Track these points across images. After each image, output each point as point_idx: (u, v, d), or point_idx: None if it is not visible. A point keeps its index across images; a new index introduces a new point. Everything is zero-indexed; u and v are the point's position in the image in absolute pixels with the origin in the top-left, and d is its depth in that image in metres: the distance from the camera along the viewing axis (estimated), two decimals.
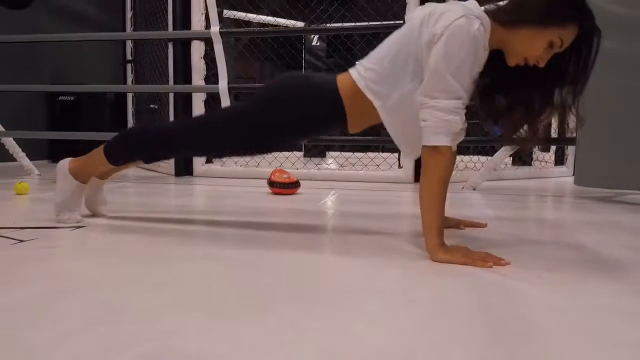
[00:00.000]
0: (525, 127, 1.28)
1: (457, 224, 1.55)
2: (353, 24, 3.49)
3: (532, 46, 1.15)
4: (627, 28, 2.16)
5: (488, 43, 1.17)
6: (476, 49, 1.13)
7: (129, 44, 4.97)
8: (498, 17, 1.17)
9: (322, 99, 1.31)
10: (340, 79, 1.31)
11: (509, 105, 1.28)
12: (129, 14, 4.90)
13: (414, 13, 1.29)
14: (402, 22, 3.08)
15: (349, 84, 1.29)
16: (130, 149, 1.49)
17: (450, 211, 1.60)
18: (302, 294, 0.89)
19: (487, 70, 1.22)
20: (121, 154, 1.50)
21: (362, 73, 1.28)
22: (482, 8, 1.20)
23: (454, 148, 1.18)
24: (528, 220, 1.81)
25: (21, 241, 1.26)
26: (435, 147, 1.13)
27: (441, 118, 1.12)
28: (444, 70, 1.11)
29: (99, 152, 1.49)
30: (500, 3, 1.22)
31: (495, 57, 1.21)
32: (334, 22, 5.26)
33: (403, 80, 1.21)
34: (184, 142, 1.42)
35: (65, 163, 1.53)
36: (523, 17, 1.15)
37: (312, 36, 6.54)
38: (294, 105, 1.31)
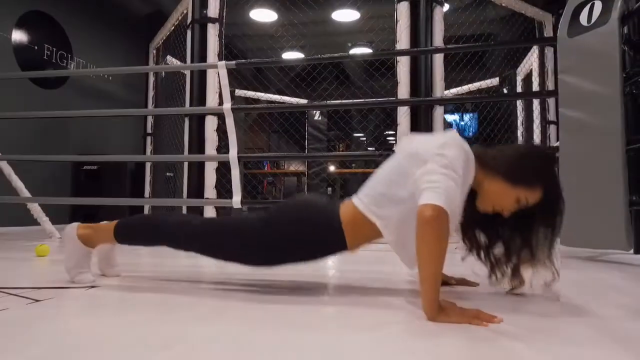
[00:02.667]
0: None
1: (452, 281, 1.51)
2: (350, 100, 3.60)
3: (501, 198, 1.20)
4: (599, 101, 2.22)
5: (474, 171, 1.19)
6: (468, 165, 1.15)
7: (150, 119, 5.12)
8: (481, 159, 1.22)
9: (325, 231, 1.29)
10: (343, 208, 1.30)
11: (488, 241, 1.30)
12: (150, 93, 5.10)
13: (402, 143, 1.33)
14: (394, 99, 3.19)
15: (351, 210, 1.28)
16: (140, 238, 1.48)
17: (444, 269, 1.57)
18: (302, 352, 0.85)
19: (466, 205, 1.23)
20: (130, 239, 1.49)
21: (362, 199, 1.29)
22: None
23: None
24: None
25: (37, 301, 1.22)
26: (440, 209, 1.03)
27: (450, 185, 1.07)
28: (453, 158, 1.11)
29: (109, 227, 1.47)
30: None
31: (473, 196, 1.24)
32: (333, 99, 5.44)
33: (400, 201, 1.20)
34: (191, 245, 1.42)
35: (73, 229, 1.49)
36: (498, 169, 1.20)
37: (314, 111, 6.74)
38: (299, 236, 1.29)
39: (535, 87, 4.31)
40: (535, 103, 4.40)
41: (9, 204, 3.39)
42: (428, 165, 1.12)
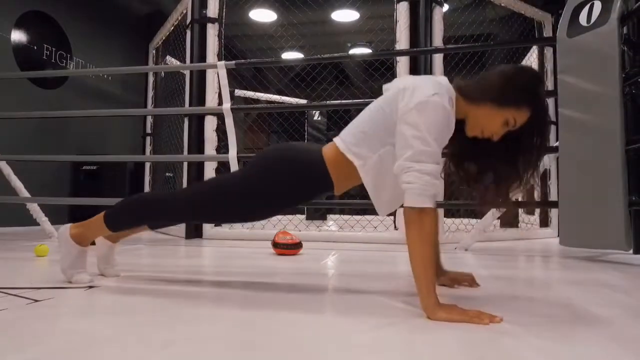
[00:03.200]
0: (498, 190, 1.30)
1: (451, 282, 1.50)
2: (350, 100, 3.60)
3: (489, 122, 1.22)
4: (598, 101, 2.22)
5: (454, 114, 1.22)
6: (448, 121, 1.18)
7: (149, 119, 5.12)
8: (463, 92, 1.24)
9: (310, 167, 1.32)
10: (325, 148, 1.34)
11: (479, 171, 1.32)
12: (150, 93, 5.09)
13: (389, 84, 1.35)
14: None
15: (333, 150, 1.31)
16: (128, 217, 1.48)
17: (446, 267, 1.56)
18: (302, 353, 0.85)
19: (455, 138, 1.27)
20: (119, 221, 1.48)
21: (343, 138, 1.31)
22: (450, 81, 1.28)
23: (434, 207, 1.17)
24: (518, 279, 1.76)
25: (36, 301, 1.22)
26: (422, 209, 1.10)
27: (428, 182, 1.12)
28: (428, 135, 1.13)
29: (98, 218, 1.47)
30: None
31: (461, 127, 1.27)
32: (333, 99, 5.44)
33: (379, 143, 1.24)
34: (178, 210, 1.41)
35: (66, 230, 1.49)
36: (484, 95, 1.22)
37: (314, 111, 6.74)
38: (284, 175, 1.31)
39: None
40: None
41: (8, 204, 3.38)
42: (399, 140, 1.16)
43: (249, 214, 1.38)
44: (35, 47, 4.51)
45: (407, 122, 1.16)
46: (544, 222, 4.03)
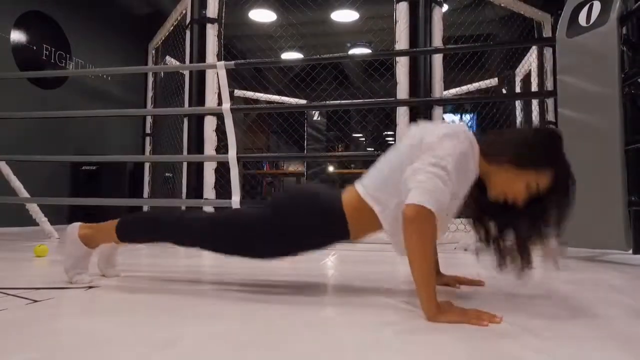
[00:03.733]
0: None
1: (454, 281, 1.51)
2: (350, 101, 3.61)
3: (510, 186, 1.18)
4: (598, 102, 2.23)
5: (477, 165, 1.18)
6: (467, 161, 1.14)
7: (149, 119, 5.12)
8: (484, 150, 1.20)
9: (327, 215, 1.28)
10: (345, 195, 1.29)
11: (499, 230, 1.28)
12: (149, 93, 5.09)
13: (410, 132, 1.32)
14: (393, 99, 3.19)
15: (353, 196, 1.27)
16: (140, 232, 1.47)
17: (444, 271, 1.57)
18: (302, 353, 0.85)
19: (476, 194, 1.23)
20: (132, 236, 1.48)
21: (364, 184, 1.28)
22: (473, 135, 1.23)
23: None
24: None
25: (35, 301, 1.22)
26: (425, 209, 1.04)
27: (438, 184, 1.07)
28: (449, 157, 1.10)
29: (110, 226, 1.46)
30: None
31: (481, 184, 1.23)
32: (332, 100, 5.44)
33: (399, 190, 1.19)
34: (190, 236, 1.41)
35: (74, 228, 1.48)
36: (505, 157, 1.17)
37: (313, 112, 6.74)
38: (299, 221, 1.28)
39: (534, 87, 4.31)
40: (534, 103, 4.40)
41: (8, 205, 3.38)
42: (416, 164, 1.13)
43: (257, 253, 1.36)
44: (35, 47, 4.51)
45: (429, 151, 1.13)
46: None
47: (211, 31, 3.52)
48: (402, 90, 3.11)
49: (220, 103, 3.26)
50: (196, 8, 3.58)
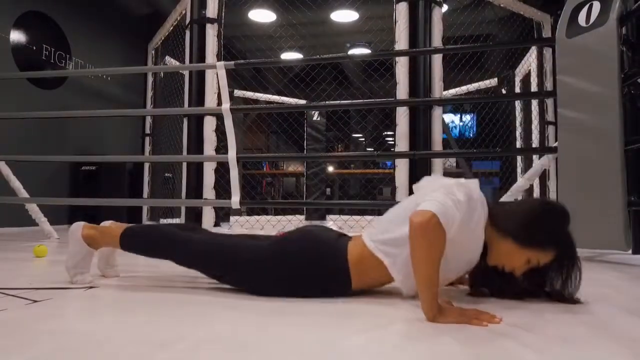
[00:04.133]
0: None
1: (456, 282, 1.50)
2: (349, 101, 3.61)
3: (511, 259, 1.19)
4: (597, 102, 2.23)
5: (485, 224, 1.18)
6: (479, 209, 1.15)
7: (148, 119, 5.11)
8: (492, 218, 1.20)
9: (330, 273, 1.27)
10: (352, 246, 1.27)
11: (500, 293, 1.28)
12: (149, 94, 5.09)
13: (421, 183, 1.31)
14: (393, 99, 3.19)
15: (359, 248, 1.26)
16: (143, 246, 1.47)
17: None
18: (301, 353, 0.85)
19: (479, 260, 1.23)
20: (135, 247, 1.48)
21: (371, 237, 1.27)
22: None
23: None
24: None
25: (35, 301, 1.22)
26: (430, 213, 1.04)
27: (448, 202, 1.07)
28: (458, 192, 1.12)
29: (115, 231, 1.46)
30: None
31: (484, 251, 1.22)
32: (332, 100, 5.44)
33: (406, 240, 1.16)
34: (191, 259, 1.40)
35: (78, 228, 1.48)
36: (508, 230, 1.17)
37: (313, 112, 6.74)
38: (302, 270, 1.27)
39: (534, 87, 4.31)
40: (534, 104, 4.40)
41: (8, 205, 3.38)
42: (430, 194, 1.13)
43: (253, 290, 1.34)
44: (35, 48, 4.51)
45: (442, 187, 1.14)
46: None
47: (211, 31, 3.52)
48: (402, 91, 3.11)
49: (219, 103, 3.26)
50: (196, 8, 3.58)
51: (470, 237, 1.17)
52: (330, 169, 7.99)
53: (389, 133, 9.09)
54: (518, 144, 4.77)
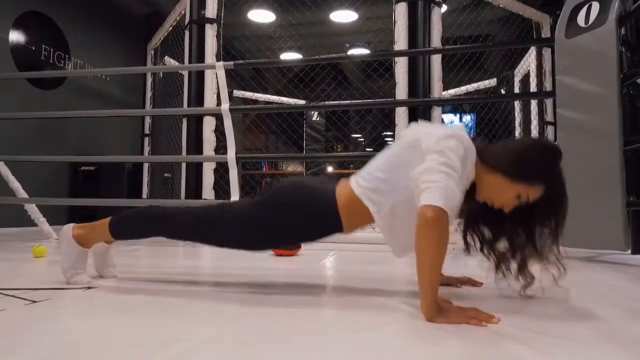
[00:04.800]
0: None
1: (455, 282, 1.51)
2: (348, 101, 3.62)
3: (500, 194, 1.19)
4: (596, 102, 2.23)
5: (474, 167, 1.18)
6: (466, 161, 1.14)
7: (147, 120, 5.11)
8: (481, 154, 1.20)
9: (321, 210, 1.28)
10: (339, 188, 1.29)
11: (493, 236, 1.28)
12: (148, 94, 5.09)
13: (407, 132, 1.32)
14: (392, 99, 3.19)
15: (348, 192, 1.27)
16: (135, 229, 1.48)
17: (443, 271, 1.56)
18: (301, 353, 0.85)
19: (469, 200, 1.22)
20: (125, 232, 1.48)
21: (359, 182, 1.28)
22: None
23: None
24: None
25: (34, 302, 1.22)
26: (440, 209, 1.02)
27: (450, 185, 1.06)
28: (452, 153, 1.11)
29: (103, 224, 1.47)
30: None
31: (473, 189, 1.23)
32: (331, 100, 5.44)
33: (396, 190, 1.21)
34: (187, 232, 1.41)
35: (68, 229, 1.49)
36: (498, 165, 1.18)
37: (312, 112, 6.74)
38: (292, 215, 1.29)
39: (533, 88, 4.32)
40: (533, 104, 4.40)
41: (6, 205, 3.38)
42: (426, 163, 1.12)
43: (251, 244, 1.36)
44: (34, 48, 4.51)
45: (435, 151, 1.13)
46: None
47: (210, 31, 3.52)
48: (401, 91, 3.11)
49: (219, 103, 3.26)
50: (195, 8, 3.58)
51: (463, 187, 1.17)
52: (330, 169, 7.99)
53: (388, 133, 9.09)
54: None
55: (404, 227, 1.19)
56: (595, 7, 2.28)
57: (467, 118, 9.26)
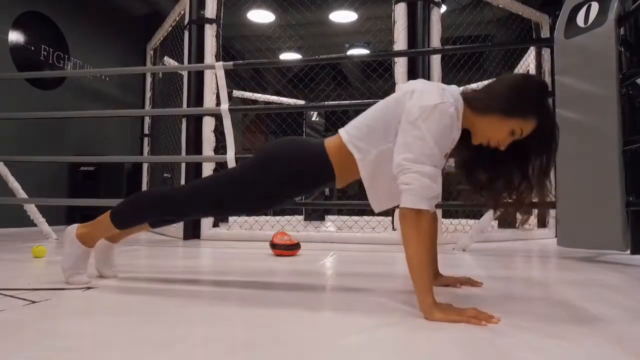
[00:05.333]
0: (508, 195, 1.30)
1: (454, 282, 1.51)
2: (348, 101, 3.61)
3: (495, 132, 1.22)
4: (596, 102, 2.23)
5: (460, 123, 1.23)
6: (452, 129, 1.18)
7: (147, 120, 5.11)
8: (471, 103, 1.24)
9: (312, 158, 1.33)
10: (328, 140, 1.35)
11: (490, 178, 1.31)
12: (148, 94, 5.09)
13: (402, 85, 1.37)
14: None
15: (336, 142, 1.32)
16: (135, 213, 1.48)
17: (443, 271, 1.57)
18: (301, 352, 0.85)
19: (463, 146, 1.28)
20: (126, 218, 1.49)
21: (347, 130, 1.33)
22: (460, 89, 1.28)
23: (433, 210, 1.18)
24: (516, 280, 1.77)
25: (33, 302, 1.22)
26: (419, 211, 1.11)
27: (426, 184, 1.12)
28: (430, 138, 1.14)
29: (105, 217, 1.48)
30: (474, 86, 1.29)
31: (469, 137, 1.27)
32: (330, 100, 5.44)
33: (381, 140, 1.25)
34: (184, 203, 1.41)
35: (73, 229, 1.50)
36: (490, 105, 1.21)
37: (312, 112, 6.74)
38: (286, 166, 1.33)
39: None
40: None
41: (6, 205, 3.38)
42: (401, 137, 1.18)
43: (251, 204, 1.39)
44: (33, 48, 4.50)
45: (410, 122, 1.17)
46: (542, 223, 4.04)
47: (209, 32, 3.52)
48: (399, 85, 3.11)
49: (218, 103, 3.26)
50: (194, 8, 3.58)
51: (448, 143, 1.21)
52: None
53: None
54: None
55: (386, 179, 1.25)
56: (595, 7, 2.28)
57: None
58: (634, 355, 0.85)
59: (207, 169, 3.36)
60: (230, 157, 2.97)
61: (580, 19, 2.34)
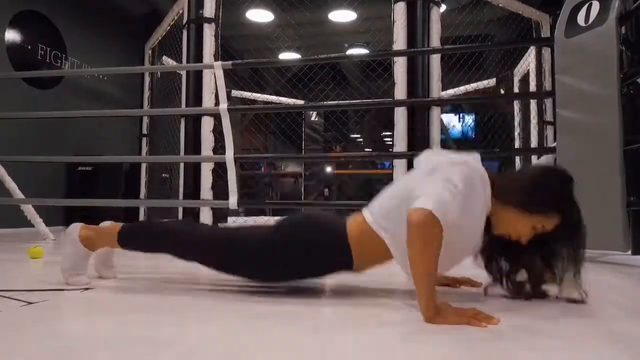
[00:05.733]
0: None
1: (454, 282, 1.51)
2: (347, 101, 3.62)
3: (516, 226, 1.18)
4: (596, 102, 2.23)
5: (488, 202, 1.17)
6: (483, 188, 1.14)
7: (145, 120, 5.11)
8: (493, 187, 1.19)
9: (330, 241, 1.27)
10: (351, 221, 1.28)
11: (511, 268, 1.28)
12: (146, 94, 5.08)
13: (421, 159, 1.31)
14: (391, 99, 3.19)
15: (360, 224, 1.26)
16: (144, 245, 1.48)
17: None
18: (301, 352, 0.84)
19: (486, 233, 1.22)
20: (134, 245, 1.48)
21: (372, 211, 1.27)
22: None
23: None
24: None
25: (30, 303, 1.21)
26: (426, 211, 1.03)
27: (444, 194, 1.07)
28: (457, 180, 1.11)
29: (112, 230, 1.46)
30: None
31: (489, 222, 1.22)
32: (330, 100, 5.44)
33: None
34: (196, 257, 1.41)
35: (75, 229, 1.47)
36: (512, 198, 1.17)
37: (311, 112, 6.74)
38: (301, 245, 1.27)
39: (533, 87, 4.32)
40: (533, 104, 4.41)
41: (3, 206, 3.37)
42: (426, 185, 1.13)
43: (257, 276, 1.36)
44: (30, 47, 4.50)
45: (431, 171, 1.14)
46: None
47: (208, 31, 3.52)
48: (400, 91, 3.11)
49: (217, 103, 3.26)
50: (193, 8, 3.58)
51: (472, 218, 1.16)
52: (329, 169, 7.99)
53: (387, 133, 9.09)
54: (517, 144, 4.78)
55: None
56: (596, 6, 2.28)
57: (468, 119, 9.26)
58: (634, 355, 0.85)
59: (206, 169, 3.35)
60: (229, 157, 2.96)
61: (581, 18, 2.34)
